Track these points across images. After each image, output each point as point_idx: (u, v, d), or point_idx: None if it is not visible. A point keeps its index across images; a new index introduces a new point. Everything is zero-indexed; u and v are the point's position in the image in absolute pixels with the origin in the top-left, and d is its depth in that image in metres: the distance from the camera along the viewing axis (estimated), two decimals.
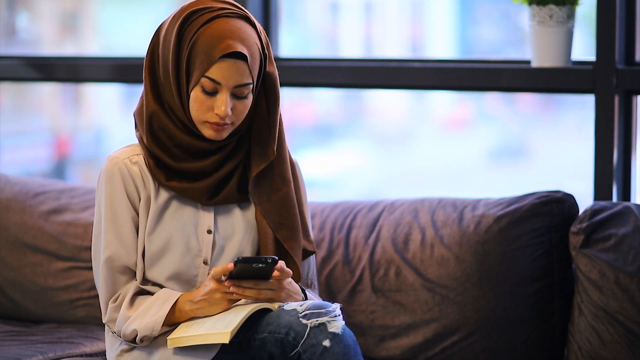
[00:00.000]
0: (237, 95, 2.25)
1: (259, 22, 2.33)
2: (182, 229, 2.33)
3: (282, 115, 2.36)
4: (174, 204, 2.34)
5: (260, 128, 2.33)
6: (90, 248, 3.09)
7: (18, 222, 3.21)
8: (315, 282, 2.50)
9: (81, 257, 3.14)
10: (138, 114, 2.36)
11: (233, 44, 2.21)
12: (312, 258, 2.47)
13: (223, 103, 2.24)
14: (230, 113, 2.24)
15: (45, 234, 3.18)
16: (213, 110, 2.25)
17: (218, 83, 2.23)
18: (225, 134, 2.28)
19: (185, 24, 2.26)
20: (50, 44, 5.05)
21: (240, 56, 2.22)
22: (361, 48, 4.87)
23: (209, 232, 2.34)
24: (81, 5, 5.21)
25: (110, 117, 5.20)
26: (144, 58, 2.34)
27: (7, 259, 3.19)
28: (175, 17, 2.28)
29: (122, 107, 5.23)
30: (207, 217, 2.35)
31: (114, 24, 4.99)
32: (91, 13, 5.20)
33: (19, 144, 5.05)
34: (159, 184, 2.33)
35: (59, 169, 5.35)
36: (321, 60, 3.41)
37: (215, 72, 2.22)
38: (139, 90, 2.38)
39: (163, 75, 2.29)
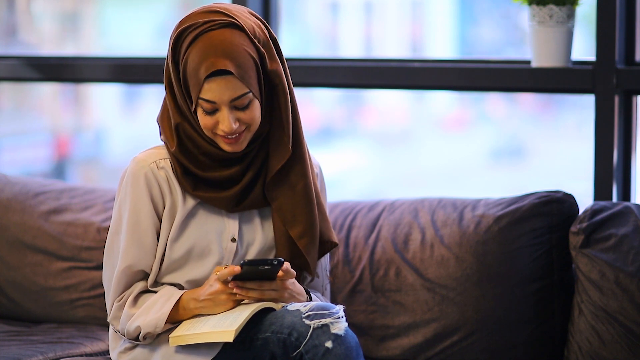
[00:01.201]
0: (237, 107, 2.24)
1: (258, 19, 2.30)
2: (207, 237, 2.33)
3: (299, 114, 2.35)
4: (200, 212, 2.34)
5: (276, 127, 2.32)
6: (90, 248, 3.12)
7: (18, 222, 3.21)
8: (328, 273, 2.50)
9: (81, 257, 3.14)
10: (161, 120, 2.35)
11: (215, 62, 2.18)
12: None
13: (224, 120, 2.23)
14: (235, 126, 2.23)
15: (45, 234, 3.18)
16: (219, 125, 2.25)
17: (213, 102, 2.22)
18: (244, 143, 2.28)
19: (176, 47, 2.25)
20: (51, 44, 5.04)
21: (226, 72, 2.20)
22: (361, 48, 4.87)
23: (233, 240, 2.34)
24: (81, 6, 5.21)
25: (111, 117, 5.19)
26: (144, 58, 2.35)
27: (7, 259, 3.19)
28: (170, 38, 2.27)
29: (122, 107, 5.23)
30: (232, 226, 2.34)
31: (114, 25, 4.99)
32: (92, 13, 5.20)
33: (19, 144, 5.05)
34: (186, 192, 2.33)
35: (59, 169, 5.35)
36: (321, 60, 3.41)
37: (206, 93, 2.21)
38: (139, 90, 2.38)
39: (177, 93, 2.30)
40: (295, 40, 4.51)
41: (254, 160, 2.33)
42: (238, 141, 2.26)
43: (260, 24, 2.29)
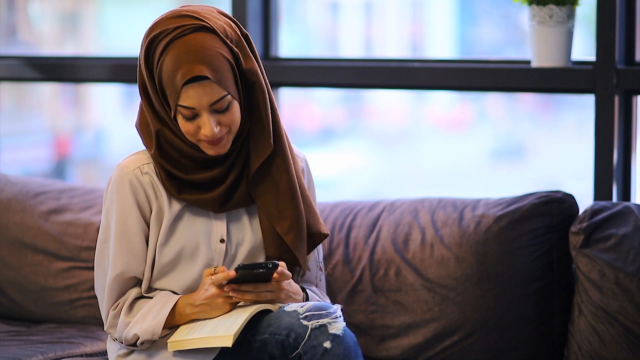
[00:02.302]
0: (217, 110, 2.23)
1: (228, 18, 2.28)
2: (195, 240, 2.32)
3: (276, 108, 2.34)
4: (187, 215, 2.33)
5: (256, 124, 2.31)
6: (90, 248, 3.11)
7: (18, 222, 3.21)
8: (322, 265, 2.49)
9: (81, 257, 3.14)
10: (140, 126, 2.34)
11: (191, 69, 2.17)
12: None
13: (206, 125, 2.22)
14: (217, 130, 2.23)
15: (45, 234, 3.18)
16: (201, 130, 2.24)
17: (192, 108, 2.21)
18: (227, 146, 2.27)
19: (149, 55, 2.23)
20: (51, 44, 5.04)
21: (202, 77, 2.19)
22: (361, 48, 4.87)
23: (222, 241, 2.33)
24: (81, 6, 5.21)
25: (110, 117, 5.19)
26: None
27: (7, 259, 3.19)
28: (142, 46, 2.26)
29: (122, 107, 5.23)
30: (219, 226, 2.34)
31: (114, 25, 4.99)
32: (91, 13, 5.20)
33: (19, 144, 5.05)
34: (171, 196, 2.32)
35: (59, 169, 5.35)
36: (321, 60, 3.41)
37: (185, 99, 2.20)
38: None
39: (154, 100, 2.28)
40: (295, 40, 4.51)
41: (237, 159, 2.32)
42: (220, 144, 2.26)
43: (231, 22, 2.28)
